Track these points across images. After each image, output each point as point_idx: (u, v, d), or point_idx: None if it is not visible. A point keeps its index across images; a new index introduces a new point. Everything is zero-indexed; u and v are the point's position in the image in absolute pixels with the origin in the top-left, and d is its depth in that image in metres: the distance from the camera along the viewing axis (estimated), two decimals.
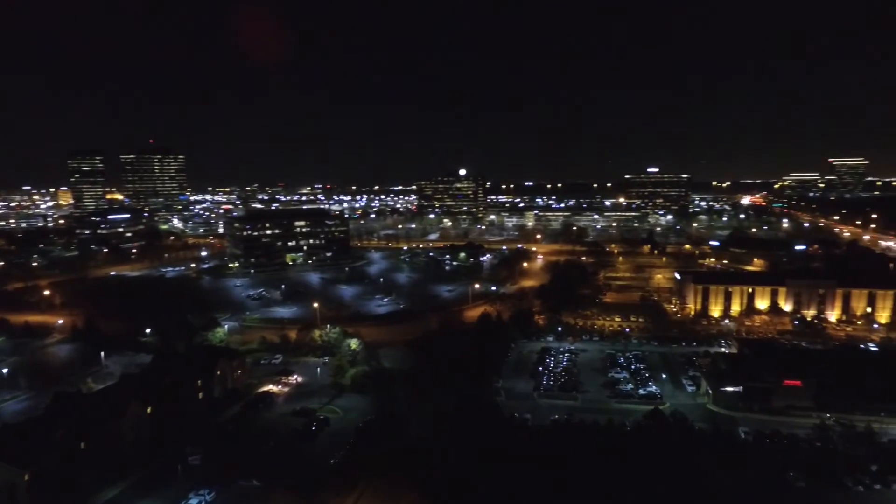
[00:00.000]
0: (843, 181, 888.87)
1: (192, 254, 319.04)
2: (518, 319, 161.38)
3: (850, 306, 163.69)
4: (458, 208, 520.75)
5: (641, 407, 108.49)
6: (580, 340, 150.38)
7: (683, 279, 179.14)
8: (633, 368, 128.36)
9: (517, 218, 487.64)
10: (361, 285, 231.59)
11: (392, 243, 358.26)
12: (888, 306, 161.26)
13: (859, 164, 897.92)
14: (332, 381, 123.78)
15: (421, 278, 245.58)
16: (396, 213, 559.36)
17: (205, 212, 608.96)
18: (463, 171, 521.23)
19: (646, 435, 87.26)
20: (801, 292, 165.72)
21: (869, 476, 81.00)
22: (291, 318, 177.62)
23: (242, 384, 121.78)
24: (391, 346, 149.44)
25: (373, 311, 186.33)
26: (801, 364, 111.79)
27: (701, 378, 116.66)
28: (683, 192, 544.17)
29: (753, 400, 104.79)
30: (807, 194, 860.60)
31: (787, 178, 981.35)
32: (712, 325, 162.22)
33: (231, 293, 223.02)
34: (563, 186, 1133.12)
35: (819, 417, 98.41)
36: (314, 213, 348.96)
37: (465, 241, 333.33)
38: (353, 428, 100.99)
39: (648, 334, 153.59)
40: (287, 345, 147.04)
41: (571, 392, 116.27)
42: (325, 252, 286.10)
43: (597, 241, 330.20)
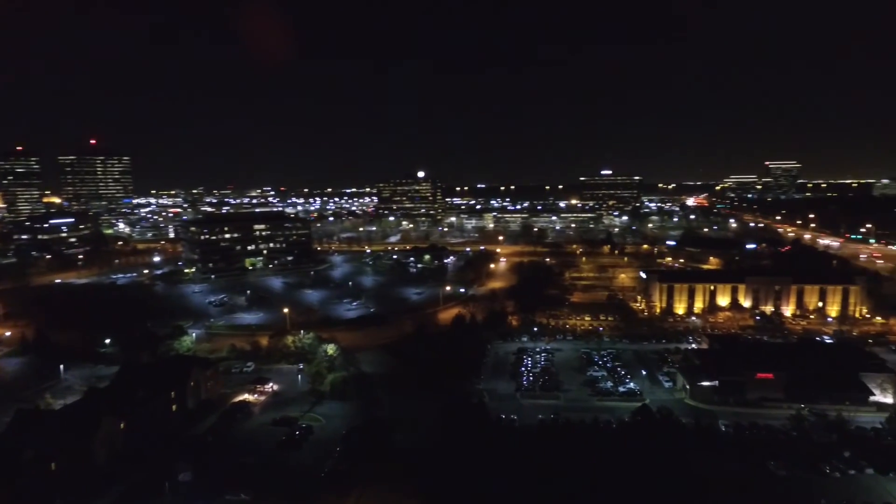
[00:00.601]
0: (778, 183, 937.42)
1: (143, 259, 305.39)
2: (492, 321, 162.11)
3: (803, 301, 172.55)
4: (417, 210, 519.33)
5: (622, 404, 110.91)
6: (555, 340, 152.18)
7: (649, 278, 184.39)
8: (609, 366, 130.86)
9: (476, 220, 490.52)
10: (327, 289, 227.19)
11: (353, 246, 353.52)
12: (837, 301, 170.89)
13: (793, 167, 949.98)
14: (311, 387, 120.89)
15: (387, 281, 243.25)
16: (353, 216, 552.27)
17: (151, 216, 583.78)
18: (421, 174, 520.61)
19: (637, 431, 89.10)
20: (760, 289, 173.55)
21: (843, 462, 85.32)
22: (259, 324, 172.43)
23: (216, 394, 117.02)
24: (366, 350, 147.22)
25: (342, 315, 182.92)
26: (769, 357, 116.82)
27: (677, 374, 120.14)
28: (635, 193, 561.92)
29: (728, 394, 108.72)
30: (746, 195, 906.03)
31: (728, 180, 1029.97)
32: (679, 322, 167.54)
33: (190, 300, 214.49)
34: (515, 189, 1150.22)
35: (790, 408, 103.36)
36: (274, 216, 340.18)
37: (427, 244, 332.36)
38: (337, 435, 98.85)
39: (620, 333, 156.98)
40: (258, 352, 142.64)
41: (553, 392, 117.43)
42: (287, 256, 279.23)
43: (557, 241, 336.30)
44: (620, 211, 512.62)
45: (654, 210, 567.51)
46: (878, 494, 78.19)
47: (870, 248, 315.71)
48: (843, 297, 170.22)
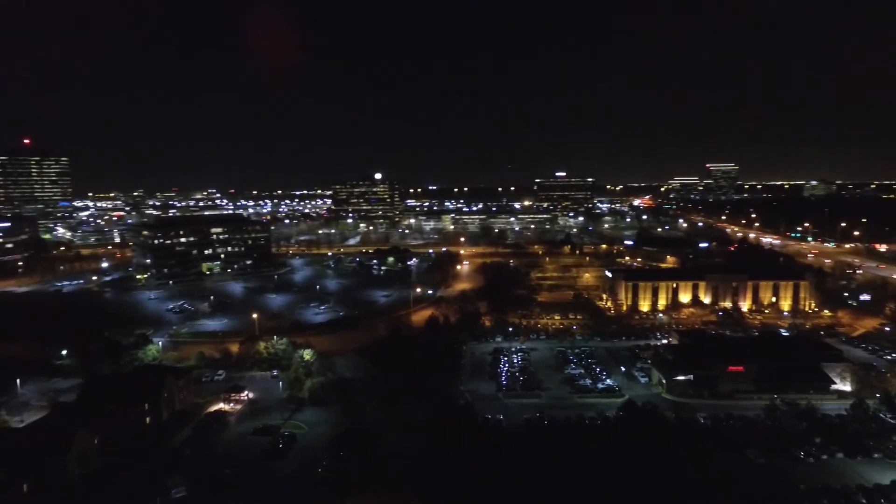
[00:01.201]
0: (718, 185, 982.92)
1: (89, 265, 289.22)
2: (465, 322, 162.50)
3: (758, 297, 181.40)
4: (374, 212, 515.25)
5: (602, 400, 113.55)
6: (529, 340, 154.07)
7: (615, 277, 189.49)
8: (585, 364, 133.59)
9: (434, 221, 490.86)
10: (291, 293, 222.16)
11: (313, 249, 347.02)
12: (789, 295, 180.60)
13: (731, 169, 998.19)
14: (289, 394, 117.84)
15: (352, 284, 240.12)
16: (308, 219, 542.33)
17: (93, 219, 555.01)
18: (379, 175, 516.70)
19: (625, 426, 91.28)
20: (718, 286, 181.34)
21: (815, 448, 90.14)
22: (226, 330, 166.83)
23: (190, 404, 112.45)
24: (339, 354, 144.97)
25: (311, 319, 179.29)
26: (737, 351, 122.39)
27: (651, 369, 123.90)
28: (588, 195, 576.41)
29: (703, 387, 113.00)
30: (689, 196, 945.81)
31: (673, 181, 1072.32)
32: (646, 319, 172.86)
33: (146, 307, 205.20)
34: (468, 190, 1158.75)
35: (760, 399, 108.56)
36: (231, 218, 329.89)
37: (388, 246, 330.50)
38: (322, 443, 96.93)
39: (591, 331, 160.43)
40: (229, 359, 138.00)
41: (535, 390, 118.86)
42: (246, 260, 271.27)
43: (518, 242, 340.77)
44: (575, 212, 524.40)
45: (606, 211, 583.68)
46: (850, 477, 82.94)
47: (808, 245, 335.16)
48: (794, 292, 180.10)
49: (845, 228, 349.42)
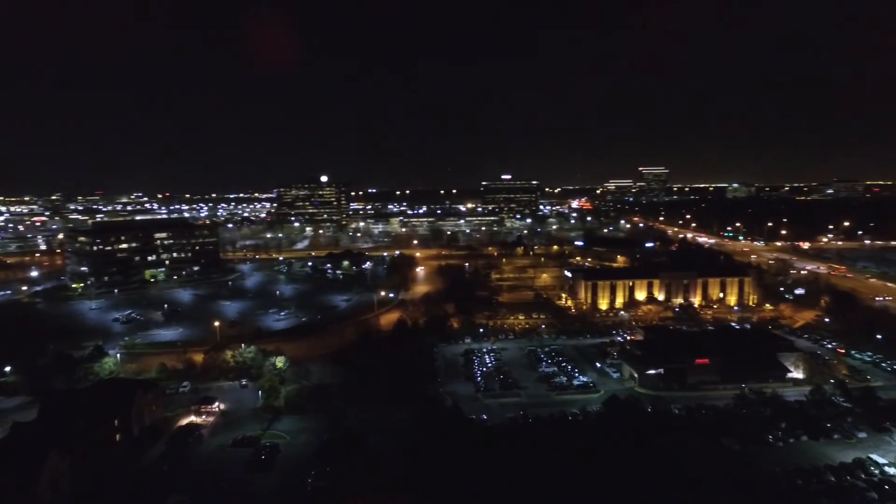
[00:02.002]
0: (650, 187, 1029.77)
1: (14, 274, 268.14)
2: (433, 324, 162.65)
3: (707, 293, 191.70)
4: (320, 216, 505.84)
5: (579, 397, 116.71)
6: (498, 340, 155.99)
7: (574, 276, 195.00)
8: (556, 362, 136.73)
9: (383, 224, 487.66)
10: (246, 300, 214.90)
11: (261, 254, 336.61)
12: (734, 291, 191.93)
13: (662, 172, 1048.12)
14: (264, 404, 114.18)
15: (308, 289, 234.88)
16: (250, 223, 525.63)
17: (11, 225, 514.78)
18: (324, 178, 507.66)
19: (610, 419, 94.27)
20: (671, 283, 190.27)
21: (782, 432, 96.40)
22: (184, 340, 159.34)
23: (158, 419, 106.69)
24: (309, 361, 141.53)
25: (273, 326, 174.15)
26: (701, 344, 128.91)
27: (622, 364, 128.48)
28: (533, 197, 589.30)
29: (673, 380, 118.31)
30: (624, 198, 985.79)
31: (608, 184, 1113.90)
32: (607, 316, 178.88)
33: (87, 318, 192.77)
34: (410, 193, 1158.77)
35: (725, 389, 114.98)
36: (176, 223, 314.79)
37: (339, 249, 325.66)
38: (307, 451, 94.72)
39: (556, 330, 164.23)
40: (192, 370, 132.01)
41: (513, 390, 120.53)
42: (193, 266, 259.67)
43: (471, 245, 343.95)
44: (521, 214, 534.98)
45: (549, 213, 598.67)
46: (816, 458, 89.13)
47: (740, 244, 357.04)
48: (739, 287, 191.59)
49: (771, 228, 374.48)
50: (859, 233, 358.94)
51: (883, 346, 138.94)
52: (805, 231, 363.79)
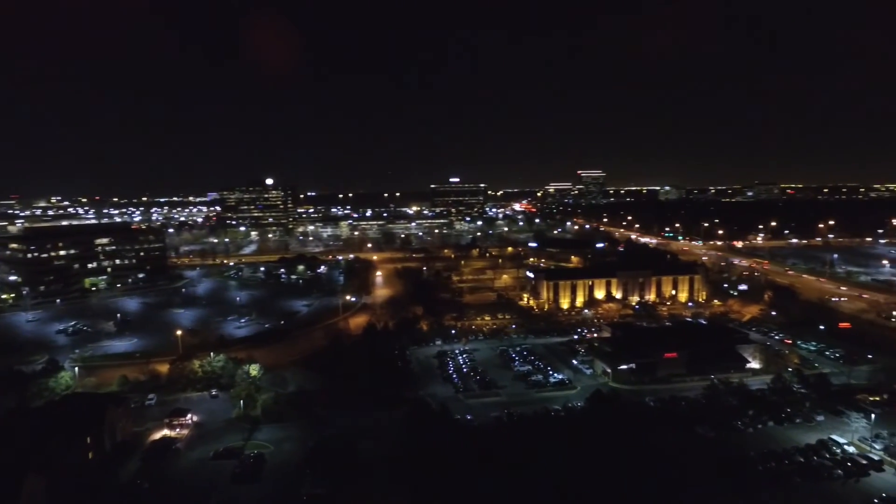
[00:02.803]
0: (588, 190, 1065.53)
1: None
2: (403, 327, 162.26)
3: (661, 290, 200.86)
4: (265, 220, 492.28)
5: (557, 393, 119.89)
6: (469, 341, 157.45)
7: (537, 276, 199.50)
8: (528, 361, 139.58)
9: (331, 228, 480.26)
10: (200, 307, 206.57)
11: (208, 260, 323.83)
12: (685, 288, 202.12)
13: (600, 175, 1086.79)
14: (240, 413, 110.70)
15: (265, 295, 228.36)
16: (191, 227, 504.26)
17: None
18: (270, 181, 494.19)
19: (594, 413, 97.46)
20: (628, 282, 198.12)
21: (750, 419, 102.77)
22: (143, 351, 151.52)
23: (128, 434, 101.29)
24: (280, 368, 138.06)
25: (235, 333, 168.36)
26: (665, 339, 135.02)
27: (594, 361, 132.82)
28: (481, 199, 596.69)
29: (644, 374, 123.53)
30: (564, 201, 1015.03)
31: (548, 187, 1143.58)
32: (570, 315, 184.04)
33: (23, 330, 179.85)
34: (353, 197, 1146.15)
35: (692, 380, 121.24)
36: (119, 227, 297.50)
37: (290, 254, 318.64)
38: (293, 460, 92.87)
39: (524, 329, 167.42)
40: (157, 382, 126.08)
41: (492, 389, 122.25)
42: (137, 273, 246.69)
43: (426, 247, 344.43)
44: (471, 217, 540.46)
45: (494, 216, 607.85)
46: (783, 441, 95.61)
47: (680, 243, 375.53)
48: (690, 285, 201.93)
49: (707, 228, 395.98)
50: (785, 232, 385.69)
51: (825, 336, 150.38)
52: (736, 231, 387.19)
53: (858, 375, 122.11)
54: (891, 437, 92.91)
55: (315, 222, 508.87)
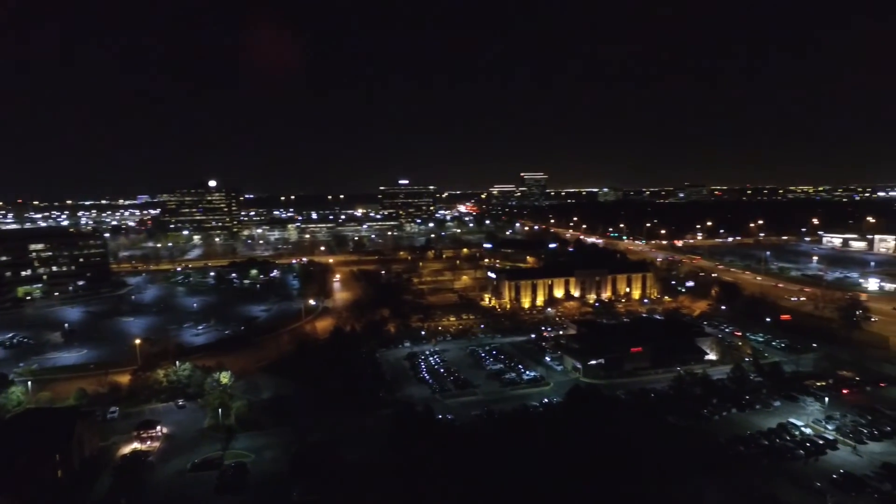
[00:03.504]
0: (531, 192, 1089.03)
1: None
2: (371, 330, 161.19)
3: (616, 288, 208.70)
4: (208, 223, 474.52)
5: (533, 390, 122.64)
6: (437, 342, 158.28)
7: (499, 277, 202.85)
8: (499, 360, 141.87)
9: (279, 231, 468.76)
10: (150, 315, 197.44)
11: (151, 265, 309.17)
12: (638, 286, 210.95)
13: (541, 178, 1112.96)
14: (213, 423, 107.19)
15: (219, 300, 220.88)
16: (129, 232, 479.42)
17: None
18: (213, 183, 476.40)
19: (574, 408, 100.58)
20: (585, 280, 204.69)
21: (715, 407, 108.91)
22: (99, 361, 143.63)
23: (95, 449, 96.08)
24: (246, 374, 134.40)
25: (193, 341, 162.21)
26: (629, 335, 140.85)
27: (564, 357, 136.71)
28: (431, 201, 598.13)
29: (612, 368, 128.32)
30: (508, 203, 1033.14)
31: (493, 189, 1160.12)
32: (534, 314, 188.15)
33: None
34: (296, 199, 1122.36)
35: (657, 373, 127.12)
36: (55, 232, 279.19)
37: (241, 258, 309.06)
38: (277, 468, 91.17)
39: (490, 329, 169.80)
40: (118, 393, 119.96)
41: (468, 389, 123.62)
42: (77, 280, 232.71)
43: (380, 250, 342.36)
44: (422, 219, 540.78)
45: (444, 217, 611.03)
46: (747, 426, 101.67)
47: (624, 243, 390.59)
48: (643, 282, 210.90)
49: (649, 228, 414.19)
50: (720, 231, 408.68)
51: (769, 328, 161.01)
52: (675, 230, 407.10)
53: (805, 363, 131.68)
54: (842, 418, 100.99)
55: (261, 225, 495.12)
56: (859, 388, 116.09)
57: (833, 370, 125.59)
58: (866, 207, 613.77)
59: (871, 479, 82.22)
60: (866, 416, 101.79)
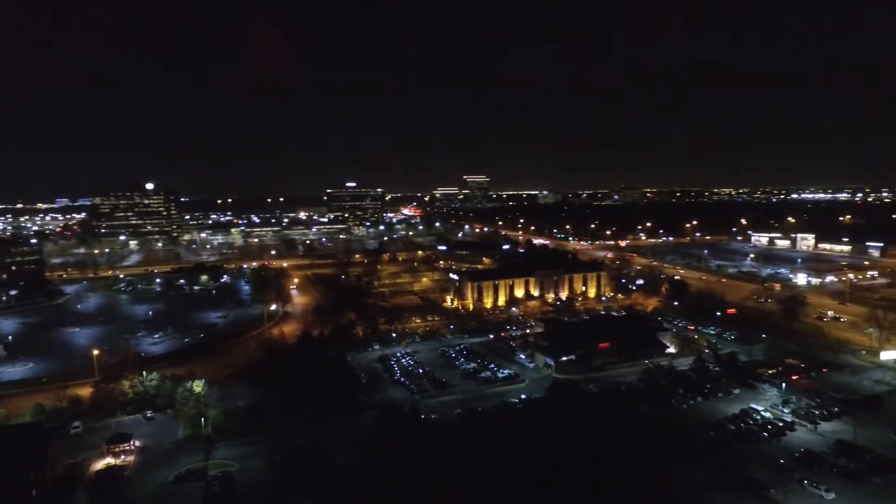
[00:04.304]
0: (474, 194, 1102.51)
1: None
2: (339, 334, 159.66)
3: (572, 287, 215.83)
4: (145, 227, 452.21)
5: (509, 387, 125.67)
6: (407, 344, 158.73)
7: (461, 278, 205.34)
8: (471, 359, 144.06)
9: (222, 235, 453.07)
10: (97, 325, 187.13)
11: (89, 273, 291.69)
12: (593, 284, 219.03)
13: (484, 181, 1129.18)
14: (189, 433, 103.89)
15: (171, 308, 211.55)
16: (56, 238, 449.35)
17: None
18: (150, 185, 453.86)
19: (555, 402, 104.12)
20: (544, 280, 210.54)
21: (681, 397, 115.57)
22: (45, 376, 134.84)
23: (64, 466, 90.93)
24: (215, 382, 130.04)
25: (152, 350, 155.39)
26: (595, 332, 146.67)
27: (535, 355, 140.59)
28: (379, 204, 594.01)
29: (583, 363, 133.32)
30: (451, 205, 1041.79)
31: (436, 191, 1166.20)
32: (496, 314, 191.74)
33: None
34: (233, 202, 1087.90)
35: (623, 367, 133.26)
36: None
37: (188, 264, 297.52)
38: (266, 475, 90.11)
39: (457, 330, 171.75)
40: (78, 408, 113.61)
41: (446, 388, 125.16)
42: (9, 290, 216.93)
43: (333, 253, 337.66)
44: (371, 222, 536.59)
45: (393, 220, 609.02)
46: (713, 413, 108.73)
47: (572, 244, 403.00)
48: (597, 281, 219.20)
49: (593, 229, 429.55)
50: (660, 231, 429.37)
51: (719, 321, 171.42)
52: (617, 231, 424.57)
53: (755, 353, 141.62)
54: (797, 402, 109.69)
55: (203, 229, 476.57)
56: (806, 375, 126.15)
57: (781, 359, 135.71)
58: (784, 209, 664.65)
59: (829, 455, 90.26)
60: (816, 400, 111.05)
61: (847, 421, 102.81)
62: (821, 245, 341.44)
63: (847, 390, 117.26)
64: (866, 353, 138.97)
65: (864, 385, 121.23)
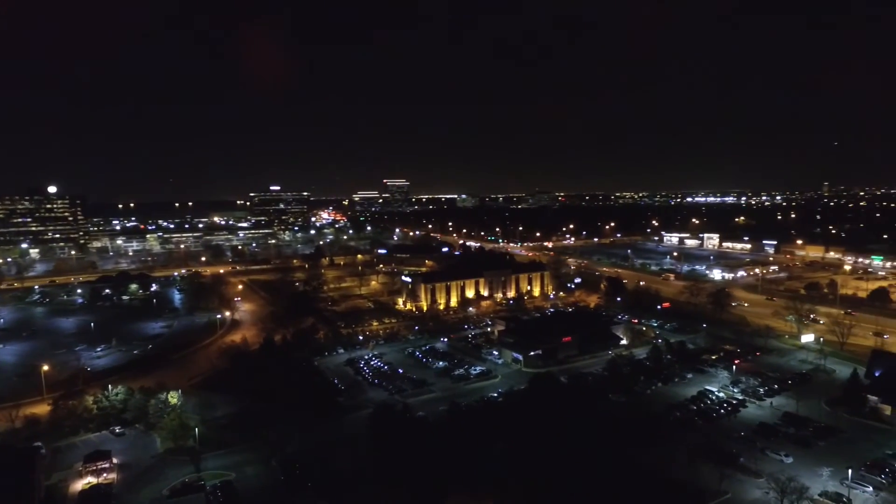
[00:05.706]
0: (394, 198, 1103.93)
1: None
2: (302, 339, 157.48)
3: (518, 286, 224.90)
4: (47, 234, 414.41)
5: (485, 383, 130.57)
6: (375, 346, 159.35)
7: (414, 280, 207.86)
8: (439, 359, 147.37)
9: (137, 242, 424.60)
10: (21, 340, 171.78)
11: None
12: (537, 284, 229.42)
13: (404, 184, 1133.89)
14: (173, 446, 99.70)
15: (103, 319, 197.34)
16: None
17: None
18: (53, 189, 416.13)
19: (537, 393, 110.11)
20: (493, 280, 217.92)
21: (644, 384, 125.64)
22: None
23: (41, 489, 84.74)
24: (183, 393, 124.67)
25: (98, 364, 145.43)
26: (555, 327, 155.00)
27: (503, 350, 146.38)
28: (305, 208, 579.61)
29: (549, 357, 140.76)
30: (371, 209, 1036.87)
31: (356, 195, 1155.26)
32: (451, 314, 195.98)
33: None
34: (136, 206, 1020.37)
35: (584, 359, 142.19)
36: None
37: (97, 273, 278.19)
38: (268, 482, 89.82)
39: (419, 331, 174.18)
40: (36, 427, 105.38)
41: (424, 387, 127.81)
42: None
43: (267, 258, 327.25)
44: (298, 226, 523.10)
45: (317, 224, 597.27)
46: (674, 396, 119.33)
47: (502, 245, 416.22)
48: (541, 280, 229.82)
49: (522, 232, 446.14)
50: (583, 233, 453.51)
51: (657, 314, 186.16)
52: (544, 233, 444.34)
53: (698, 341, 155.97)
54: (746, 382, 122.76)
55: (113, 236, 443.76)
56: (744, 358, 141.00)
57: (719, 345, 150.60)
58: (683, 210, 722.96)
59: (780, 426, 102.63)
60: (758, 379, 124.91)
61: (787, 395, 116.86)
62: (724, 244, 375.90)
63: (780, 370, 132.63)
64: (788, 338, 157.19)
65: (791, 365, 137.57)
